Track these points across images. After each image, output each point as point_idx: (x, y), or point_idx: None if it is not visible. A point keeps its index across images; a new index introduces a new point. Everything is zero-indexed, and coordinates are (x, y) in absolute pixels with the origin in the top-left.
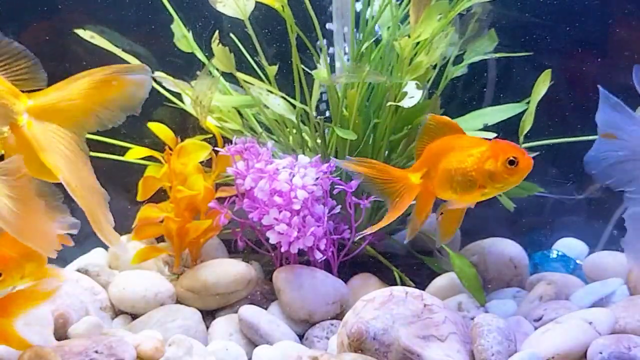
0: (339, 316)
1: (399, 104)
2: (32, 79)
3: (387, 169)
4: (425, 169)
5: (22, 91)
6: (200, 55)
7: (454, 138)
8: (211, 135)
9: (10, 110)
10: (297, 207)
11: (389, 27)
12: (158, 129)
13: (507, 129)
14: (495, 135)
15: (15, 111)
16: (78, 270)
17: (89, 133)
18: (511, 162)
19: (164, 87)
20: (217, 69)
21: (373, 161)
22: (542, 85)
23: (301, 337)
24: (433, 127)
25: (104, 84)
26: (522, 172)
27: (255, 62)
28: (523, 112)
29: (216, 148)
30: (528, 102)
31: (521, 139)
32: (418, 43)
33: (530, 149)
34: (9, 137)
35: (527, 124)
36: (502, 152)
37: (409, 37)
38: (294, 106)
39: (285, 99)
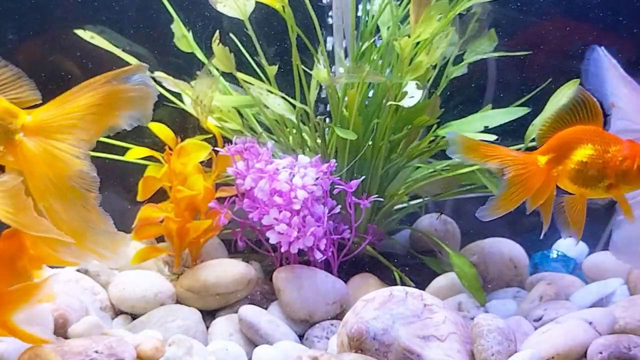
0: (339, 316)
1: (399, 103)
2: (27, 99)
3: (511, 153)
4: (553, 154)
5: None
6: (200, 55)
7: (590, 131)
8: (211, 135)
9: (7, 129)
10: (297, 207)
11: (389, 27)
12: (158, 129)
13: (506, 130)
14: (495, 137)
15: (12, 130)
16: (78, 270)
17: None
18: None
19: (164, 87)
20: (217, 69)
21: (493, 147)
22: (565, 96)
23: (301, 337)
24: (580, 103)
25: (104, 94)
26: None
27: (255, 62)
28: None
29: (216, 148)
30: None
31: (526, 143)
32: (418, 43)
33: (530, 149)
34: (7, 153)
35: (537, 129)
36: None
37: (409, 37)
38: (294, 106)
39: (285, 99)
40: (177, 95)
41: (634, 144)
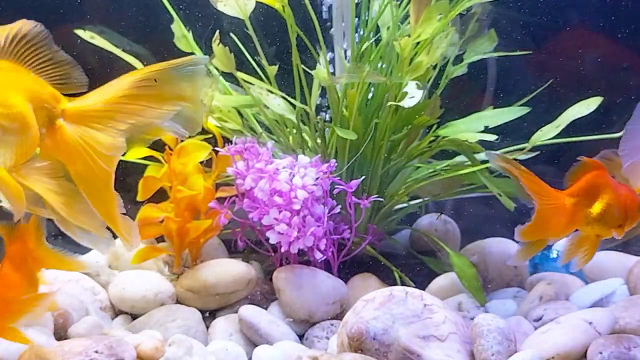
0: (339, 316)
1: (399, 104)
2: (72, 83)
3: (541, 184)
4: (581, 198)
5: (65, 94)
6: (200, 55)
7: (609, 179)
8: (211, 135)
9: (51, 113)
10: (297, 207)
11: (389, 27)
12: None
13: (506, 129)
14: (495, 137)
15: (55, 114)
16: None
17: None
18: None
19: None
20: (217, 69)
21: (527, 172)
22: (585, 109)
23: (301, 337)
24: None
25: (147, 84)
26: None
27: (256, 62)
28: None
29: (216, 148)
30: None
31: (532, 143)
32: (418, 43)
33: (530, 149)
34: (46, 137)
35: (545, 135)
36: (638, 200)
37: (409, 37)
38: (294, 106)
39: (285, 99)
40: None
41: (633, 190)
